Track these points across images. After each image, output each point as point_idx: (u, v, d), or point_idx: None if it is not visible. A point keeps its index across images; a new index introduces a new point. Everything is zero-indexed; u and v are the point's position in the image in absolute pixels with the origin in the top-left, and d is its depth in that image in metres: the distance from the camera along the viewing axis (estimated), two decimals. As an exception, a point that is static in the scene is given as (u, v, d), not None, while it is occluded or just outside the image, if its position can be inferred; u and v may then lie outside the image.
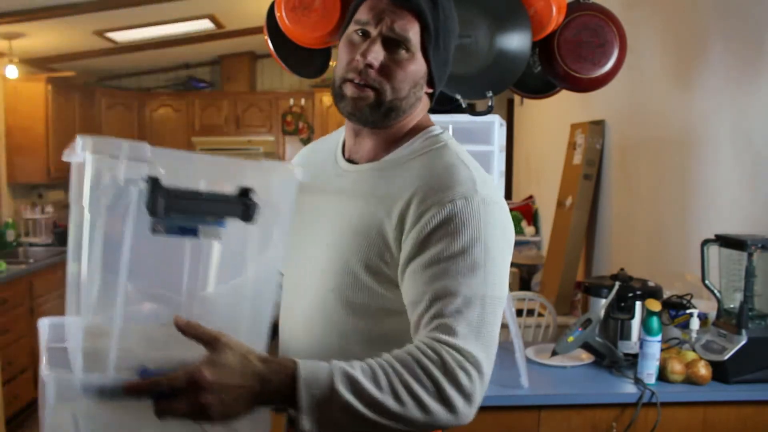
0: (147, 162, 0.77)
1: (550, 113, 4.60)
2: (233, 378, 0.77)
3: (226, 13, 4.61)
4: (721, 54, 2.46)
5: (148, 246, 0.82)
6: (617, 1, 2.72)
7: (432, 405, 0.83)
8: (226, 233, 0.85)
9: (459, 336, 0.87)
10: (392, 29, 0.98)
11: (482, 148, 1.93)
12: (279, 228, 0.91)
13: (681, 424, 1.84)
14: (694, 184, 2.64)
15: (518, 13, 1.93)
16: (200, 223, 0.83)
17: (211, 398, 0.76)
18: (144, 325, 0.89)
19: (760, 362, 1.85)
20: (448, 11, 1.04)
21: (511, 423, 1.83)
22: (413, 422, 0.83)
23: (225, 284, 0.95)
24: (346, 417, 0.80)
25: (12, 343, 3.67)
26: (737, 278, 1.91)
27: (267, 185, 0.87)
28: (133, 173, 0.76)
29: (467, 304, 0.89)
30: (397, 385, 0.82)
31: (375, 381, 0.82)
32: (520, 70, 1.97)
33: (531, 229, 4.84)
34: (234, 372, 0.77)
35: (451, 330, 0.87)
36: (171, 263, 0.90)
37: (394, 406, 0.81)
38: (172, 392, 0.75)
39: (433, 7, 1.00)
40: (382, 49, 0.98)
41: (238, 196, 0.84)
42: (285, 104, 6.04)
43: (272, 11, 2.09)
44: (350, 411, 0.80)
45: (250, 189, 0.85)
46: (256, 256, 0.92)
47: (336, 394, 0.80)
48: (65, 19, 4.00)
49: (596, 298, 2.12)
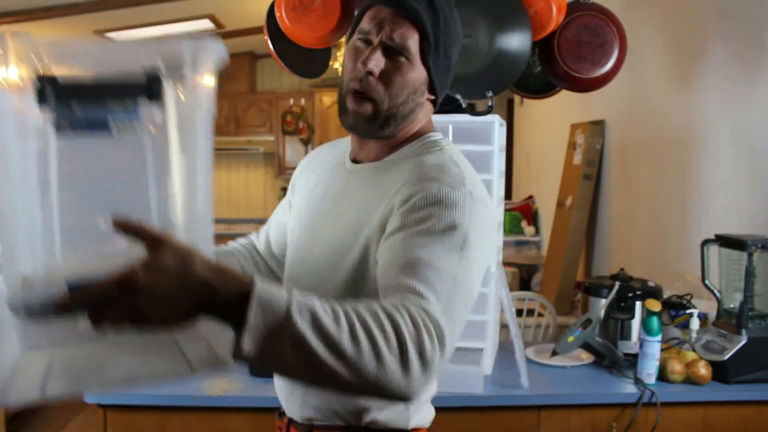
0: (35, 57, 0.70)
1: (550, 113, 4.60)
2: (171, 282, 0.69)
3: (226, 13, 4.61)
4: (721, 54, 2.46)
5: (75, 159, 0.75)
6: (617, 1, 2.72)
7: (388, 358, 0.75)
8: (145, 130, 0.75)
9: (430, 302, 0.84)
10: (391, 38, 1.00)
11: (482, 148, 1.93)
12: (202, 112, 0.81)
13: (681, 424, 1.83)
14: (694, 184, 2.64)
15: (518, 13, 1.93)
16: (108, 113, 0.74)
17: (145, 302, 0.68)
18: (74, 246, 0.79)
19: (760, 362, 1.85)
20: (449, 18, 1.05)
21: (511, 423, 1.83)
22: (363, 375, 0.74)
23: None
24: (293, 349, 0.71)
25: (12, 343, 3.67)
26: (737, 278, 1.91)
27: (178, 60, 0.76)
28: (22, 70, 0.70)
29: (439, 277, 0.88)
30: (357, 327, 0.74)
31: (335, 318, 0.74)
32: (520, 70, 1.97)
33: (531, 229, 4.84)
34: (173, 276, 0.69)
35: (422, 295, 0.84)
36: (98, 173, 0.81)
37: (348, 348, 0.73)
38: (106, 302, 0.68)
39: (433, 15, 1.02)
40: (383, 57, 1.01)
41: (145, 77, 0.75)
42: (285, 104, 6.04)
43: (272, 11, 2.09)
44: (300, 342, 0.71)
45: (155, 66, 0.75)
46: (183, 149, 0.81)
47: (290, 320, 0.71)
48: (65, 19, 4.00)
49: (596, 298, 2.12)
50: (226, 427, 1.77)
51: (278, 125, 6.08)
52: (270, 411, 1.79)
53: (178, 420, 1.77)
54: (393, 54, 1.01)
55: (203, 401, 1.75)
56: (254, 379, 1.84)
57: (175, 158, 0.79)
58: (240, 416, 1.77)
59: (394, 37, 1.00)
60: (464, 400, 1.79)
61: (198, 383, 1.80)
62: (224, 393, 1.75)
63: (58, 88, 0.72)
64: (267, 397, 1.72)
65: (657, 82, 2.98)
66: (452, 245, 0.92)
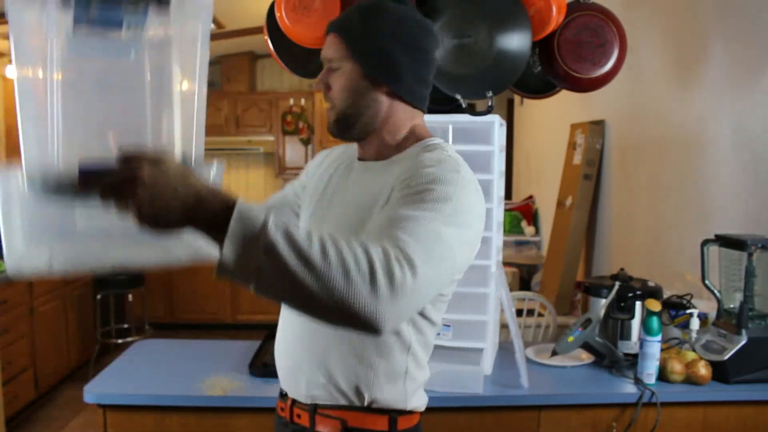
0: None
1: (550, 113, 4.60)
2: (169, 184, 0.78)
3: (226, 13, 4.61)
4: (721, 54, 2.47)
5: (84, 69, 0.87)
6: (617, 1, 2.72)
7: (355, 275, 0.80)
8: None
9: (407, 243, 0.88)
10: (324, 56, 1.18)
11: (482, 148, 1.94)
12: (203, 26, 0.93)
13: (681, 424, 1.84)
14: (694, 184, 2.64)
15: (518, 13, 1.93)
16: (122, 14, 0.83)
17: (143, 194, 0.77)
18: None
19: (760, 362, 1.85)
20: (375, 14, 1.15)
21: (511, 423, 1.83)
22: (331, 290, 0.79)
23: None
24: (266, 257, 0.78)
25: (12, 343, 3.67)
26: (737, 278, 1.91)
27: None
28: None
29: (423, 229, 0.92)
30: (328, 246, 0.81)
31: (308, 236, 0.81)
32: (520, 70, 1.97)
33: (531, 229, 4.84)
34: (171, 179, 0.79)
35: (400, 238, 0.89)
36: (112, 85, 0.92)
37: (317, 261, 0.79)
38: (111, 188, 0.78)
39: (355, 16, 1.15)
40: (326, 73, 1.18)
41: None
42: (285, 104, 6.04)
43: (272, 11, 2.09)
44: (271, 250, 0.78)
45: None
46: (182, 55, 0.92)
47: (266, 230, 0.78)
48: (65, 19, 4.00)
49: (596, 298, 2.12)
50: (226, 427, 1.78)
51: (278, 125, 6.08)
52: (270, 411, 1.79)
53: (178, 420, 1.77)
54: (330, 67, 1.17)
55: (203, 401, 1.75)
56: (254, 379, 1.85)
57: (176, 71, 0.88)
58: (240, 416, 1.77)
59: (324, 54, 1.17)
60: (464, 400, 1.79)
61: (198, 383, 1.80)
62: (224, 393, 1.75)
63: None
64: (267, 397, 1.72)
65: (657, 82, 2.98)
66: (442, 212, 0.97)
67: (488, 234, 1.94)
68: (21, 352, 3.76)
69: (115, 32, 0.83)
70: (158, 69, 0.89)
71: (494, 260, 1.94)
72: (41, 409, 3.99)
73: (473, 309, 1.95)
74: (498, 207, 1.98)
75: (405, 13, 1.16)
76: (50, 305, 4.15)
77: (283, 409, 1.28)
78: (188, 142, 0.94)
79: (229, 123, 6.07)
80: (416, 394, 1.21)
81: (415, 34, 1.15)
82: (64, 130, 0.86)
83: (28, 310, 3.89)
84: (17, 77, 0.86)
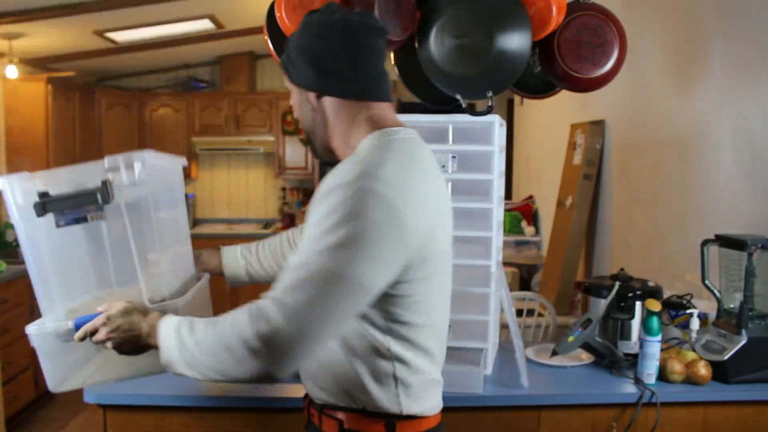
0: (35, 181, 1.23)
1: (550, 113, 4.60)
2: (129, 328, 1.19)
3: (226, 13, 4.61)
4: (721, 54, 2.46)
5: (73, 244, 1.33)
6: (617, 1, 2.72)
7: (237, 352, 1.02)
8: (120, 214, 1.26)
9: (275, 290, 1.04)
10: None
11: (482, 148, 1.94)
12: (168, 195, 1.44)
13: (681, 424, 1.84)
14: (694, 184, 2.64)
15: (518, 13, 1.93)
16: (85, 213, 1.26)
17: (113, 337, 1.19)
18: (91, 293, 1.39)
19: (760, 362, 1.85)
20: (297, 32, 1.23)
21: (511, 423, 1.83)
22: (223, 371, 1.05)
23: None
24: (182, 353, 1.09)
25: (12, 343, 3.67)
26: (737, 278, 1.91)
27: (130, 173, 1.25)
28: (29, 195, 1.23)
29: (296, 272, 1.03)
30: (210, 341, 1.07)
31: (207, 322, 1.10)
32: (520, 70, 1.97)
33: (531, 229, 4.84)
34: (131, 325, 1.19)
35: (272, 288, 1.05)
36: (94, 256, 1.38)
37: (205, 359, 1.06)
38: (93, 334, 1.22)
39: (287, 46, 1.25)
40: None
41: (99, 187, 1.24)
42: (285, 104, 6.04)
43: (272, 11, 2.09)
44: (179, 365, 1.10)
45: (105, 181, 1.24)
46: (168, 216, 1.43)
47: (178, 333, 1.10)
48: (65, 19, 4.00)
49: (596, 298, 2.12)
50: (226, 427, 1.77)
51: (278, 125, 6.08)
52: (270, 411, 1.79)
53: (178, 420, 1.77)
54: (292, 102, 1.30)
55: (203, 401, 1.75)
56: (254, 379, 1.84)
57: (130, 233, 1.26)
58: (240, 416, 1.77)
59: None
60: (464, 400, 1.79)
61: (198, 383, 1.80)
62: (224, 393, 1.75)
63: (52, 202, 1.24)
64: (267, 398, 1.72)
65: (657, 82, 2.98)
66: (327, 245, 1.01)
67: (488, 234, 1.94)
68: (21, 352, 3.76)
69: (84, 222, 1.27)
70: (120, 233, 1.27)
71: (494, 260, 1.94)
72: (41, 409, 3.99)
73: (473, 309, 1.95)
74: (498, 207, 1.98)
75: (326, 18, 1.20)
76: (50, 305, 4.15)
77: (304, 408, 1.32)
78: (155, 282, 1.33)
79: (229, 123, 6.08)
80: (417, 400, 1.19)
81: (340, 33, 1.18)
82: (62, 292, 1.34)
83: (28, 310, 3.89)
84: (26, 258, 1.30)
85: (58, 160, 4.88)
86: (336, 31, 1.18)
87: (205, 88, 6.22)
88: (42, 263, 1.30)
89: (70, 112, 5.15)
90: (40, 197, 1.22)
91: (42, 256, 1.29)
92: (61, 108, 4.97)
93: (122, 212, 1.25)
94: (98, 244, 1.33)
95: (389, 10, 1.96)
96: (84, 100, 5.39)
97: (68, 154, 5.08)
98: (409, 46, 2.06)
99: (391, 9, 1.96)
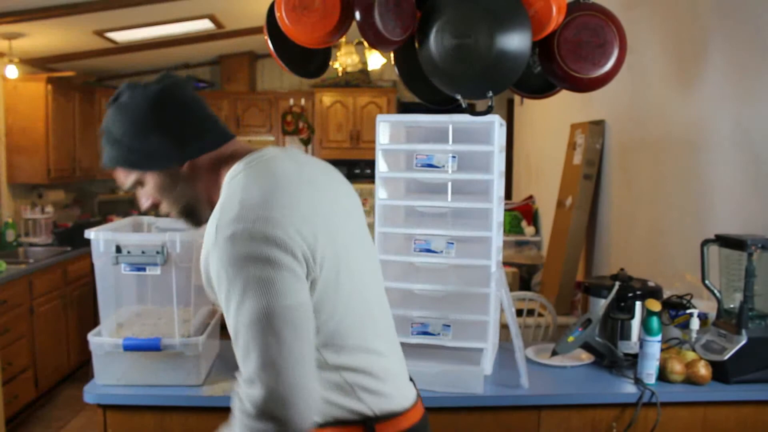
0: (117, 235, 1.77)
1: (550, 113, 4.60)
2: None
3: (226, 13, 4.61)
4: (721, 54, 2.46)
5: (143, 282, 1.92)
6: (617, 1, 2.72)
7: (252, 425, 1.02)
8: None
9: (241, 377, 1.05)
10: (128, 189, 1.31)
11: (482, 148, 1.94)
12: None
13: (681, 424, 1.84)
14: (694, 184, 2.64)
15: (518, 13, 1.93)
16: (146, 264, 1.74)
17: None
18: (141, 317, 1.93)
19: (760, 362, 1.85)
20: (120, 135, 1.19)
21: (511, 423, 1.83)
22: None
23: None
24: None
25: (12, 343, 3.67)
26: (737, 278, 1.91)
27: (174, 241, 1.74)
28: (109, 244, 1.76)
29: (244, 346, 1.04)
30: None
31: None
32: (520, 70, 1.97)
33: (531, 229, 4.84)
34: None
35: (239, 376, 1.07)
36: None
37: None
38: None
39: (108, 147, 1.22)
40: (141, 197, 1.31)
41: (159, 251, 1.74)
42: (285, 104, 6.04)
43: (272, 11, 2.09)
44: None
45: (164, 243, 1.74)
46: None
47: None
48: (65, 19, 4.00)
49: (596, 298, 2.12)
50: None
51: (278, 125, 6.08)
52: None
53: (178, 420, 1.77)
54: (138, 192, 1.30)
55: (203, 401, 1.75)
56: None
57: (174, 289, 1.77)
58: (240, 416, 1.77)
59: (124, 186, 1.28)
60: (464, 400, 1.79)
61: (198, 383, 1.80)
62: (224, 393, 1.75)
63: (119, 254, 1.75)
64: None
65: (657, 82, 2.98)
66: (231, 302, 1.05)
67: (488, 234, 1.94)
68: (21, 352, 3.76)
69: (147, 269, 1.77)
70: (164, 279, 1.77)
71: (494, 260, 1.94)
72: (41, 409, 3.99)
73: (473, 309, 1.95)
74: (498, 207, 1.98)
75: (139, 96, 1.18)
76: (50, 305, 4.15)
77: None
78: (186, 326, 1.82)
79: (229, 123, 6.07)
80: (383, 397, 1.19)
81: (144, 109, 1.17)
82: (114, 308, 1.88)
83: (28, 310, 3.89)
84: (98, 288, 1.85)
85: (58, 160, 4.88)
86: (157, 102, 1.17)
87: (205, 88, 6.22)
88: (106, 290, 1.82)
89: (70, 112, 5.15)
90: (117, 251, 1.73)
91: (108, 287, 1.82)
92: (61, 108, 4.97)
93: (171, 274, 1.75)
94: (144, 282, 1.92)
95: (389, 10, 1.96)
96: (84, 100, 5.39)
97: (68, 154, 5.08)
98: (409, 46, 2.06)
99: (390, 9, 1.96)
